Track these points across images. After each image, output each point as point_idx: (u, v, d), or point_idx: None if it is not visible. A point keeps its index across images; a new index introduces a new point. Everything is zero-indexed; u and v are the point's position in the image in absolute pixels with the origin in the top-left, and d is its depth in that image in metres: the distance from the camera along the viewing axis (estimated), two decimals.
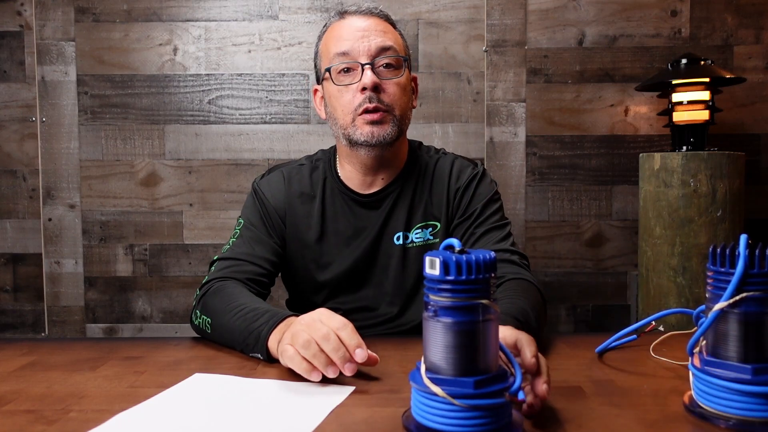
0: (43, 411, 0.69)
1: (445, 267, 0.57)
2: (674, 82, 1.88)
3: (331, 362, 0.74)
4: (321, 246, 1.16)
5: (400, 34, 1.15)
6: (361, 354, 0.74)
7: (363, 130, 1.07)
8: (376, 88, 1.06)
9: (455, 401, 0.56)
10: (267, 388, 0.75)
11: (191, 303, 2.28)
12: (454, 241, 0.59)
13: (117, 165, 2.19)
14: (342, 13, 1.12)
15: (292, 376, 0.79)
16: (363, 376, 0.80)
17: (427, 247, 1.15)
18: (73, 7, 2.15)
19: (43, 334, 2.21)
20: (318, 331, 0.75)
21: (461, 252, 0.58)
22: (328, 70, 1.09)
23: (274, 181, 1.18)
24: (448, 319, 0.57)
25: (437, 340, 0.58)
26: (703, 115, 1.88)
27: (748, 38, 2.13)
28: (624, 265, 2.19)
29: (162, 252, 2.20)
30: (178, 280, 2.21)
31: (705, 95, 1.88)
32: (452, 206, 1.16)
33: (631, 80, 2.14)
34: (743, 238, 0.60)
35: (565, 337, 0.98)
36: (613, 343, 0.88)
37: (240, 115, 2.17)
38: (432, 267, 0.57)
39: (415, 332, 1.14)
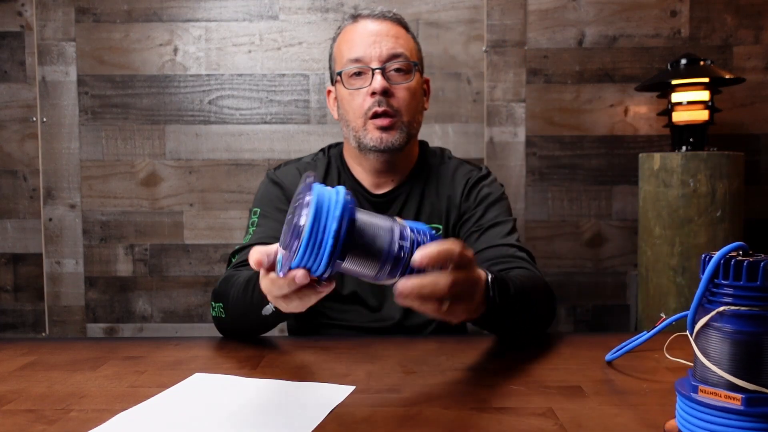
0: (43, 411, 0.69)
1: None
2: (674, 82, 1.88)
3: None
4: None
5: (413, 38, 1.17)
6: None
7: (373, 135, 1.10)
8: (386, 93, 1.09)
9: None
10: (267, 388, 0.76)
11: (192, 302, 2.30)
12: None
13: (117, 165, 2.19)
14: (356, 17, 1.14)
15: (292, 376, 0.80)
16: (363, 376, 0.80)
17: None
18: (74, 7, 2.15)
19: (43, 334, 2.22)
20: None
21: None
22: (340, 73, 1.12)
23: (290, 173, 1.19)
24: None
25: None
26: (703, 115, 1.88)
27: (748, 38, 2.14)
28: (624, 265, 2.19)
29: (162, 252, 2.20)
30: (179, 280, 2.21)
31: (704, 95, 1.88)
32: (455, 209, 1.16)
33: (630, 80, 2.14)
34: None
35: (565, 337, 0.98)
36: (624, 349, 0.86)
37: (240, 115, 2.17)
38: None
39: (415, 333, 1.15)
